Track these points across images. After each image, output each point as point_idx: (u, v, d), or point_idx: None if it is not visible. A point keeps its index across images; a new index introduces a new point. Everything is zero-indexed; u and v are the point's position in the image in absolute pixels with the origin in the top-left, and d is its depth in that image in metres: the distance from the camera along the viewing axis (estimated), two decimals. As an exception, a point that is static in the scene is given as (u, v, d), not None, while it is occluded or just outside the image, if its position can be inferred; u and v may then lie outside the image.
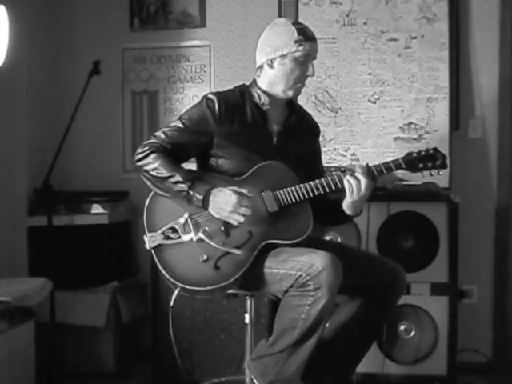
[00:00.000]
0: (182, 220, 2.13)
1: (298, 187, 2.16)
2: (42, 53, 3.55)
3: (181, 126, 2.22)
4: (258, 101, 2.26)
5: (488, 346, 3.32)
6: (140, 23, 3.64)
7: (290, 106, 2.34)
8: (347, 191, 2.13)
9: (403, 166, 2.15)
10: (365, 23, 3.36)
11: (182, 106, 3.58)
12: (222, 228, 2.12)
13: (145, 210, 2.19)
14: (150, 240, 2.12)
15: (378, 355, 2.90)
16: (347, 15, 3.37)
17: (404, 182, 3.11)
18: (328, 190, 2.15)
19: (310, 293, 1.96)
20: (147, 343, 3.30)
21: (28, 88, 3.38)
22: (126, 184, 3.53)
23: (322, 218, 2.32)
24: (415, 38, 3.31)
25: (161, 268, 2.09)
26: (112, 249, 3.32)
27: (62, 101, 3.59)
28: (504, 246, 3.22)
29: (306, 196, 2.15)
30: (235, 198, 2.07)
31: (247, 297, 2.26)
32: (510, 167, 3.19)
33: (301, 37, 2.17)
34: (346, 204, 2.18)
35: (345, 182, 2.12)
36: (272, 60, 2.22)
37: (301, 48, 2.17)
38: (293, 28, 2.19)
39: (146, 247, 2.14)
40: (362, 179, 2.11)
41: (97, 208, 3.30)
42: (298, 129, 2.33)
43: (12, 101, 3.28)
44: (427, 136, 3.27)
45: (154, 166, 2.15)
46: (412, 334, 2.96)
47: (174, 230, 2.13)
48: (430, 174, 2.18)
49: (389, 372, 2.93)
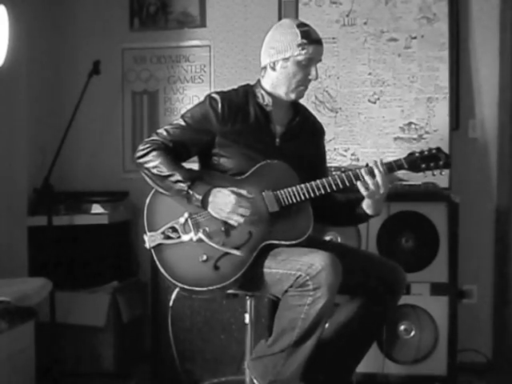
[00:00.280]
0: (182, 219, 2.13)
1: (298, 187, 2.14)
2: (41, 53, 3.55)
3: (183, 124, 2.22)
4: (261, 101, 2.25)
5: (488, 346, 3.32)
6: (140, 23, 3.64)
7: (295, 107, 2.33)
8: (364, 192, 2.10)
9: (405, 166, 2.14)
10: (365, 23, 3.36)
11: (182, 105, 3.58)
12: (223, 228, 2.12)
13: (145, 208, 2.19)
14: (150, 239, 2.12)
15: (378, 355, 2.89)
16: (347, 15, 3.37)
17: (404, 182, 3.10)
18: (329, 189, 2.14)
19: (310, 292, 1.95)
20: (147, 343, 3.30)
21: (28, 88, 3.38)
22: (126, 184, 3.53)
23: (334, 217, 2.32)
24: (415, 38, 3.31)
25: (160, 268, 2.10)
26: (112, 249, 3.32)
27: (62, 101, 3.59)
28: (504, 246, 3.22)
29: (307, 196, 2.14)
30: (234, 198, 2.07)
31: (247, 297, 2.26)
32: (510, 167, 3.18)
33: (304, 40, 2.14)
34: (366, 203, 2.16)
35: (358, 184, 2.10)
36: (274, 62, 2.20)
37: (303, 52, 2.15)
38: (297, 30, 2.16)
39: (145, 246, 2.14)
40: (378, 175, 2.08)
41: (97, 208, 3.30)
42: (301, 130, 2.31)
43: (12, 101, 3.27)
44: (427, 136, 3.27)
45: (154, 163, 2.14)
46: (412, 333, 2.96)
47: (174, 229, 2.13)
48: (433, 174, 2.16)
49: (389, 372, 2.93)
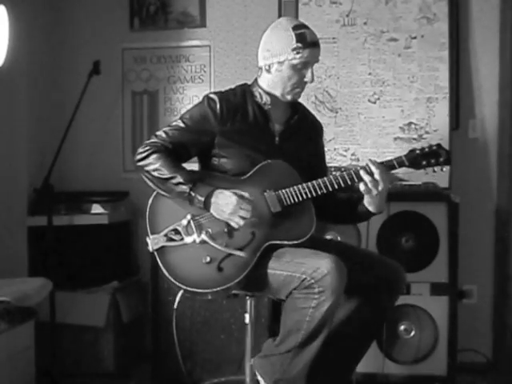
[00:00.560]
0: (184, 221, 2.12)
1: (300, 187, 2.14)
2: (41, 53, 3.55)
3: (182, 125, 2.21)
4: (259, 100, 2.25)
5: (488, 346, 3.32)
6: (140, 23, 3.64)
7: (293, 106, 2.32)
8: (363, 189, 2.09)
9: (406, 163, 2.12)
10: (365, 23, 3.36)
11: (182, 105, 3.58)
12: (225, 229, 2.11)
13: (147, 210, 2.18)
14: (152, 242, 2.11)
15: (377, 355, 2.90)
16: (347, 15, 3.37)
17: (404, 182, 3.11)
18: (331, 188, 2.13)
19: (315, 296, 1.96)
20: (147, 343, 3.30)
21: (28, 88, 3.38)
22: (126, 184, 3.53)
23: (336, 216, 2.33)
24: (415, 38, 3.31)
25: (164, 270, 2.08)
26: (112, 249, 3.32)
27: (62, 101, 3.59)
28: (504, 246, 3.22)
29: (309, 195, 2.13)
30: (235, 199, 2.06)
31: (247, 297, 2.26)
32: (510, 167, 3.18)
33: (299, 44, 2.13)
34: (367, 201, 2.16)
35: (360, 185, 2.10)
36: (270, 65, 2.20)
37: (298, 56, 2.13)
38: (292, 34, 2.14)
39: (148, 249, 2.12)
40: (376, 171, 2.08)
41: (97, 208, 3.30)
42: (300, 128, 2.31)
43: (12, 101, 3.28)
44: (427, 136, 3.27)
45: (155, 166, 2.13)
46: (412, 334, 2.96)
47: (177, 231, 2.12)
48: (434, 171, 2.15)
49: (389, 372, 2.93)
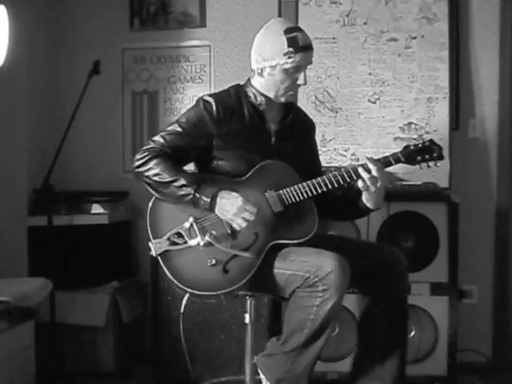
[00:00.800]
0: (187, 224, 2.11)
1: (300, 186, 2.15)
2: (41, 53, 3.55)
3: (179, 129, 2.19)
4: (254, 101, 2.25)
5: (488, 346, 3.32)
6: (140, 23, 3.64)
7: (286, 105, 2.32)
8: (361, 185, 2.11)
9: (402, 159, 2.15)
10: (365, 23, 3.36)
11: (182, 105, 3.58)
12: (229, 231, 2.11)
13: (147, 215, 2.16)
14: (155, 247, 2.09)
15: (378, 355, 2.89)
16: (347, 15, 3.37)
17: (404, 182, 3.11)
18: (331, 186, 2.14)
19: (318, 294, 1.97)
20: (147, 343, 3.30)
21: (28, 88, 3.38)
22: (126, 184, 3.53)
23: (336, 213, 2.34)
24: (415, 38, 3.31)
25: (169, 274, 2.07)
26: (112, 249, 3.32)
27: (62, 101, 3.59)
28: (504, 245, 3.22)
29: (310, 194, 2.14)
30: (241, 200, 2.06)
31: (247, 297, 2.26)
32: (510, 167, 3.19)
33: (291, 49, 2.12)
34: (365, 197, 2.17)
35: (359, 182, 2.11)
36: (262, 69, 2.20)
37: (290, 61, 2.13)
38: (283, 38, 2.12)
39: (152, 254, 2.10)
40: (373, 168, 2.09)
41: (97, 208, 3.30)
42: (295, 127, 2.33)
43: (12, 101, 3.27)
44: (427, 136, 3.25)
45: (155, 171, 2.11)
46: (412, 334, 2.95)
47: (180, 235, 2.10)
48: (428, 166, 2.17)
49: (389, 372, 2.93)
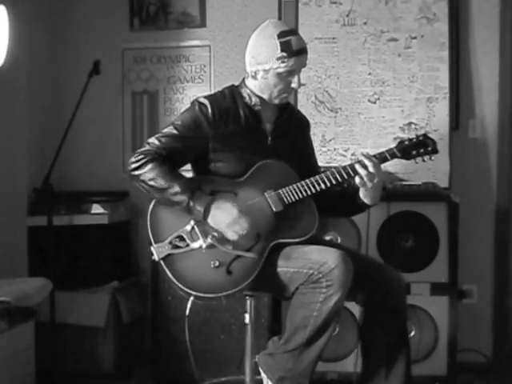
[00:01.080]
0: (188, 227, 2.10)
1: (299, 184, 2.15)
2: (42, 53, 3.55)
3: (175, 132, 2.17)
4: (249, 102, 2.24)
5: (488, 346, 3.32)
6: (140, 23, 3.64)
7: (281, 104, 2.30)
8: (358, 182, 2.11)
9: (398, 154, 2.16)
10: (365, 23, 3.36)
11: (182, 105, 3.58)
12: None
13: (148, 218, 2.15)
14: (157, 251, 2.08)
15: (378, 355, 2.89)
16: (347, 15, 3.37)
17: (404, 182, 3.11)
18: (329, 184, 2.15)
19: (322, 290, 1.97)
20: (147, 343, 3.30)
21: (28, 88, 3.38)
22: (126, 184, 3.49)
23: (334, 209, 2.34)
24: (415, 38, 3.31)
25: (172, 278, 2.06)
26: (112, 249, 3.32)
27: (62, 101, 3.59)
28: (504, 246, 3.22)
29: (309, 192, 2.15)
30: (236, 212, 2.06)
31: (247, 297, 2.26)
32: (510, 167, 3.18)
33: (284, 53, 2.10)
34: (363, 193, 2.17)
35: (356, 179, 2.12)
36: (255, 72, 2.19)
37: (283, 65, 2.12)
38: (277, 42, 2.11)
39: (154, 259, 2.09)
40: (369, 164, 2.09)
41: (97, 208, 3.30)
42: (290, 126, 2.33)
43: (12, 101, 3.27)
44: (427, 136, 3.27)
45: (150, 175, 2.10)
46: (412, 334, 2.95)
47: (182, 238, 2.10)
48: (423, 160, 2.18)
49: (389, 372, 2.93)
